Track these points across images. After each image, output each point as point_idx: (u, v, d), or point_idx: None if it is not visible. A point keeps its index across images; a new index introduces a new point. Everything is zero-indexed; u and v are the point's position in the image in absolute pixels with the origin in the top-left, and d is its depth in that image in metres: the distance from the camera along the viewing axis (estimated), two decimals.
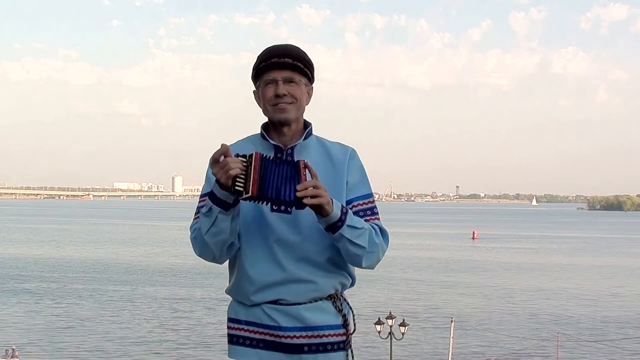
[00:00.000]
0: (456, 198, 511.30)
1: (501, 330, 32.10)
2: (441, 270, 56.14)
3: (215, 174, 2.12)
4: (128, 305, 37.76)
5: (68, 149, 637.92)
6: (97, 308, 36.92)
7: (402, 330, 23.15)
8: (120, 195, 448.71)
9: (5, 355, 24.77)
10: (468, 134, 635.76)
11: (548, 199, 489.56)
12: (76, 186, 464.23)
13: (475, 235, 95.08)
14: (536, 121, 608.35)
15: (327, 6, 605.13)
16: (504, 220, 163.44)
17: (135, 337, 30.23)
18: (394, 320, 23.26)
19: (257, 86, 2.34)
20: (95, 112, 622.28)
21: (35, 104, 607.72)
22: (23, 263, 55.97)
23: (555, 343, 27.56)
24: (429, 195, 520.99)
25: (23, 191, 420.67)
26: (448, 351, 25.75)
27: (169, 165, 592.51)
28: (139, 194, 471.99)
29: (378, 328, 23.32)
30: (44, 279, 47.60)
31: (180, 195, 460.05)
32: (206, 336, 30.39)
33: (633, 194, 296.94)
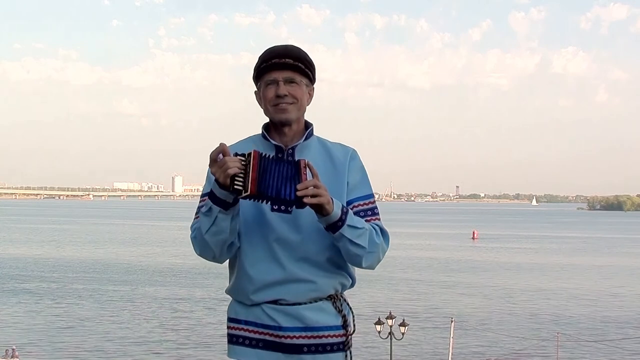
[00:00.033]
0: (456, 198, 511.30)
1: (501, 330, 32.09)
2: (441, 270, 56.12)
3: (214, 173, 2.12)
4: (128, 305, 37.75)
5: (68, 149, 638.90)
6: (97, 308, 36.91)
7: (402, 330, 23.15)
8: (120, 195, 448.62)
9: (5, 355, 24.77)
10: (468, 134, 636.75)
11: (548, 199, 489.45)
12: (76, 186, 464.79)
13: (475, 235, 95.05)
14: (536, 121, 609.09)
15: (327, 6, 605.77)
16: (504, 220, 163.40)
17: (135, 337, 30.23)
18: (394, 320, 23.25)
19: (258, 87, 2.35)
20: (95, 112, 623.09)
21: (35, 104, 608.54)
22: (23, 263, 55.96)
23: (555, 343, 27.56)
24: (429, 195, 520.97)
25: (23, 191, 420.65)
26: (448, 351, 25.75)
27: (169, 165, 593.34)
28: (139, 194, 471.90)
29: (378, 328, 23.32)
30: (44, 279, 47.59)
31: (180, 195, 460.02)
32: (206, 336, 30.37)
33: (633, 194, 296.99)
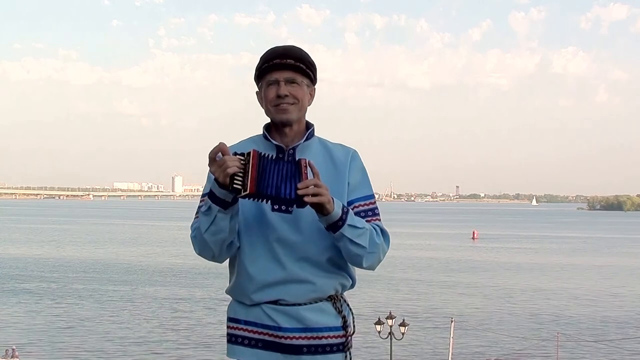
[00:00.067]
0: (456, 198, 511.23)
1: (501, 330, 32.08)
2: (441, 270, 56.12)
3: (213, 172, 2.13)
4: (128, 305, 37.74)
5: (68, 149, 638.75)
6: (97, 308, 36.90)
7: (402, 330, 23.14)
8: (120, 195, 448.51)
9: (5, 355, 24.76)
10: (468, 134, 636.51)
11: (548, 199, 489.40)
12: (76, 186, 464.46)
13: (475, 235, 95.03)
14: (536, 121, 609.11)
15: (327, 6, 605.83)
16: (504, 220, 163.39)
17: (135, 337, 30.22)
18: (394, 320, 23.24)
19: (260, 87, 2.36)
20: (95, 112, 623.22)
21: (35, 104, 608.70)
22: (23, 263, 55.94)
23: (555, 343, 27.55)
24: (429, 195, 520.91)
25: (23, 191, 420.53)
26: (448, 351, 25.75)
27: (169, 165, 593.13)
28: (139, 194, 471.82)
29: (378, 328, 23.31)
30: (44, 279, 47.58)
31: (180, 195, 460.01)
32: (206, 336, 30.36)
33: (633, 194, 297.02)
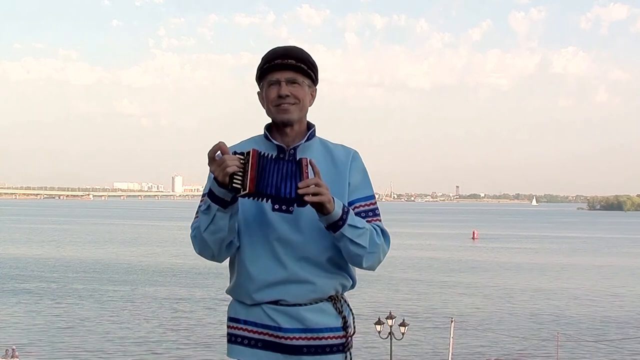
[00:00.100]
0: (456, 198, 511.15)
1: (501, 330, 32.07)
2: (441, 270, 56.09)
3: (213, 171, 2.13)
4: (128, 305, 37.72)
5: (68, 149, 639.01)
6: (97, 308, 36.87)
7: (402, 330, 23.13)
8: (120, 195, 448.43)
9: (5, 355, 24.75)
10: (468, 134, 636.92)
11: (548, 199, 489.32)
12: (76, 186, 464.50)
13: (475, 235, 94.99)
14: (536, 121, 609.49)
15: (327, 6, 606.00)
16: (504, 220, 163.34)
17: (135, 337, 30.20)
18: (394, 320, 23.23)
19: (261, 87, 2.36)
20: (95, 112, 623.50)
21: (35, 104, 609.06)
22: (23, 263, 55.92)
23: (555, 343, 27.53)
24: (429, 195, 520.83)
25: (23, 191, 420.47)
26: (448, 351, 25.73)
27: (169, 165, 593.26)
28: (139, 194, 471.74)
29: (378, 328, 23.29)
30: (44, 279, 47.55)
31: (180, 195, 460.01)
32: (206, 336, 30.35)
33: (633, 194, 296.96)
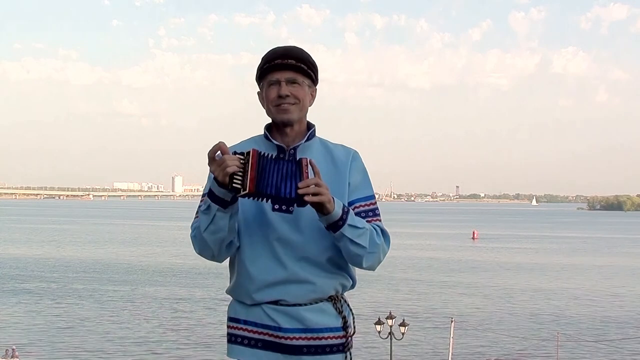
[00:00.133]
0: (456, 198, 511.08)
1: (501, 330, 32.06)
2: (441, 270, 56.09)
3: (213, 171, 2.13)
4: (128, 305, 37.71)
5: (68, 149, 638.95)
6: (97, 308, 36.87)
7: (402, 330, 23.12)
8: (120, 195, 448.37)
9: (5, 355, 24.75)
10: (468, 134, 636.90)
11: (548, 199, 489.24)
12: (76, 186, 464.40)
13: (475, 235, 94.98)
14: (536, 121, 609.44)
15: (327, 6, 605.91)
16: (504, 220, 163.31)
17: (135, 337, 30.20)
18: (394, 320, 23.23)
19: (261, 87, 2.36)
20: (95, 112, 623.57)
21: (35, 104, 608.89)
22: (23, 263, 55.91)
23: (555, 343, 27.53)
24: (429, 195, 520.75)
25: (23, 191, 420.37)
26: (448, 351, 25.73)
27: (169, 165, 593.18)
28: (139, 194, 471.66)
29: (378, 328, 23.29)
30: (44, 279, 47.55)
31: (180, 195, 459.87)
32: (206, 336, 30.34)
33: (633, 194, 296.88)
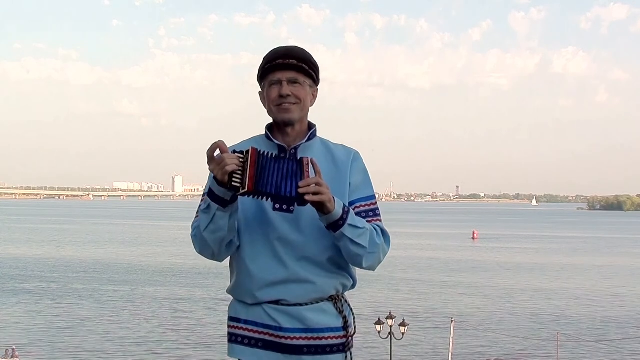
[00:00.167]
0: (456, 198, 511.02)
1: (501, 330, 32.07)
2: (441, 270, 56.10)
3: (212, 170, 2.13)
4: (128, 305, 37.72)
5: (68, 149, 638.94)
6: (97, 308, 36.88)
7: (402, 330, 23.12)
8: (120, 195, 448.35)
9: (5, 355, 24.75)
10: (468, 134, 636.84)
11: (548, 199, 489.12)
12: (76, 186, 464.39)
13: (475, 235, 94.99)
14: (536, 121, 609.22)
15: (327, 6, 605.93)
16: (504, 220, 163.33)
17: (135, 337, 30.20)
18: (394, 320, 23.22)
19: (263, 87, 2.36)
20: (95, 112, 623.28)
21: (35, 104, 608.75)
22: (23, 263, 55.92)
23: (556, 343, 27.53)
24: (429, 195, 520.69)
25: (23, 191, 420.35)
26: (448, 351, 25.73)
27: (169, 165, 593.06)
28: (139, 194, 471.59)
29: (378, 328, 23.28)
30: (44, 279, 47.56)
31: (180, 195, 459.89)
32: (206, 336, 30.35)
33: (633, 194, 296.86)
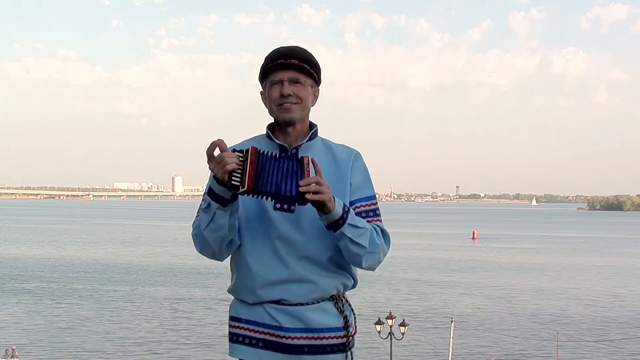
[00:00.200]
0: (456, 198, 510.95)
1: (501, 330, 32.07)
2: (441, 270, 56.10)
3: (212, 169, 2.14)
4: (128, 305, 37.72)
5: (68, 149, 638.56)
6: (97, 308, 36.88)
7: (402, 330, 23.12)
8: (120, 195, 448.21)
9: (5, 355, 24.76)
10: (468, 134, 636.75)
11: (548, 199, 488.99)
12: (76, 186, 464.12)
13: (475, 235, 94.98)
14: (536, 121, 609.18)
15: (327, 6, 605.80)
16: (504, 220, 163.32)
17: (135, 337, 30.21)
18: (394, 320, 23.22)
19: (264, 87, 2.37)
20: (95, 112, 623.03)
21: (35, 104, 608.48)
22: (23, 263, 55.92)
23: (556, 343, 27.54)
24: (429, 195, 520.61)
25: (23, 191, 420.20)
26: (448, 351, 25.73)
27: (169, 165, 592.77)
28: (139, 194, 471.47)
29: (378, 328, 23.28)
30: (44, 279, 47.56)
31: (180, 195, 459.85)
32: (206, 336, 30.35)
33: (633, 194, 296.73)
